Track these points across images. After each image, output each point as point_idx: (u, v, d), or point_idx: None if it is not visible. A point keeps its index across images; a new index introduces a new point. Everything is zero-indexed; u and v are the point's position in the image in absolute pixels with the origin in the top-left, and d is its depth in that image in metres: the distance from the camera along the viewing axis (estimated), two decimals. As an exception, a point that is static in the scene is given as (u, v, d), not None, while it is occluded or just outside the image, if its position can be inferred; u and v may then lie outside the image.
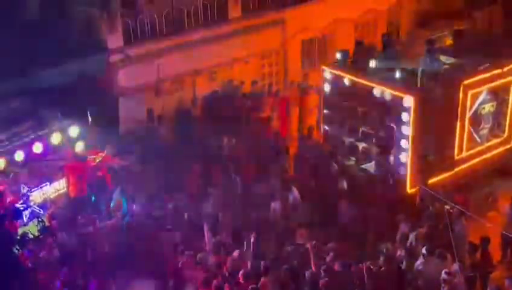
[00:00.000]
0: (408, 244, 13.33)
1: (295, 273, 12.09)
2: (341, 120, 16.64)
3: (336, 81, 16.48)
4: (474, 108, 16.05)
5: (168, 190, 15.35)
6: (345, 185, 15.48)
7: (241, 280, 11.84)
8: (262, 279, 11.80)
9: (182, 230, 13.86)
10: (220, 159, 16.57)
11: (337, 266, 12.21)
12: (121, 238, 13.81)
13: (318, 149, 16.98)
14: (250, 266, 12.34)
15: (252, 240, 12.75)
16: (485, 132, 16.52)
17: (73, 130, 15.00)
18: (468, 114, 15.94)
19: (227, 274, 12.18)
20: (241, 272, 11.91)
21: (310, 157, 16.66)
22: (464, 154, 16.17)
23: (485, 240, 12.94)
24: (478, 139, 16.40)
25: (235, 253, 12.77)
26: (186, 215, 14.37)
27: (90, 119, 15.57)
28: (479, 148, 16.48)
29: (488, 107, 16.38)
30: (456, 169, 16.10)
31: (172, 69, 17.79)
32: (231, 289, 11.67)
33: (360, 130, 16.24)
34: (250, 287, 11.34)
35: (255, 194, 15.51)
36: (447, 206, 13.48)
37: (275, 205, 14.74)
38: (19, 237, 13.03)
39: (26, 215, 14.02)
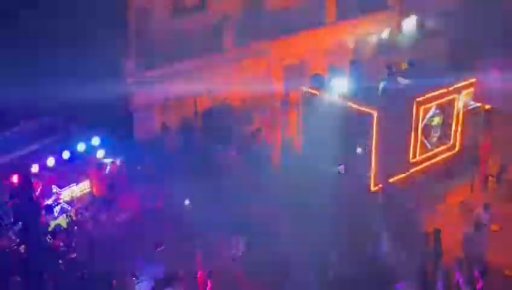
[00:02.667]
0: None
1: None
2: (318, 132, 16.54)
3: (312, 100, 16.42)
4: (425, 120, 16.03)
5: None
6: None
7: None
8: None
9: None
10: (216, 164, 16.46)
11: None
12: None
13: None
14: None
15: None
16: (434, 140, 16.45)
17: (95, 140, 14.88)
18: (421, 125, 15.91)
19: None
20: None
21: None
22: (417, 158, 16.14)
23: (437, 231, 12.87)
24: (429, 146, 16.34)
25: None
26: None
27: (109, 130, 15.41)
28: (430, 153, 16.43)
29: (437, 120, 16.33)
30: (411, 170, 16.06)
31: (178, 89, 17.65)
32: None
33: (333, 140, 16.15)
34: None
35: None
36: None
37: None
38: (50, 229, 12.90)
39: (56, 211, 13.86)
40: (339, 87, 16.19)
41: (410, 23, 22.67)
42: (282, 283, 11.58)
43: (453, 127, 16.74)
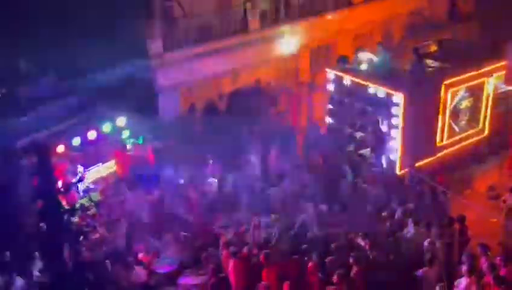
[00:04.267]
0: (396, 217, 13.13)
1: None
2: (342, 114, 16.41)
3: (338, 81, 16.25)
4: (453, 103, 15.75)
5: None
6: (347, 168, 15.29)
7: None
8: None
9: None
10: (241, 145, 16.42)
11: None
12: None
13: (324, 138, 16.83)
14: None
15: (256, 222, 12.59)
16: (462, 123, 16.21)
17: (121, 121, 14.95)
18: (449, 108, 15.67)
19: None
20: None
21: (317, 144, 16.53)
22: (445, 142, 15.91)
23: (462, 217, 12.68)
24: (457, 130, 16.11)
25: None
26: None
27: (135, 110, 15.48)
28: (458, 137, 16.19)
29: (466, 103, 16.07)
30: (438, 154, 15.83)
31: (203, 70, 17.61)
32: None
33: (358, 122, 16.00)
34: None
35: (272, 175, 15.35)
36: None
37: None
38: (76, 207, 13.06)
39: (81, 191, 14.00)
40: (366, 69, 16.03)
41: (440, 4, 22.22)
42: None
43: (482, 111, 16.46)
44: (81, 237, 12.12)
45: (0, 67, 15.68)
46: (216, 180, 14.84)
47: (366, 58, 16.41)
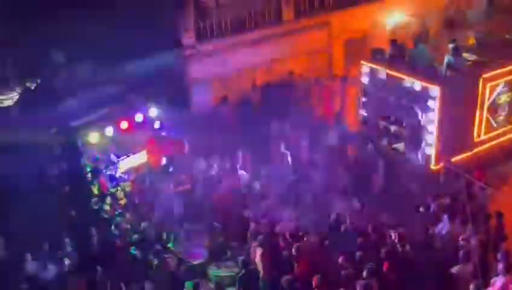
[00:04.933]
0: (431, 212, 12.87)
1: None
2: (376, 107, 16.15)
3: (373, 74, 16.00)
4: (492, 98, 15.35)
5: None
6: (380, 161, 15.06)
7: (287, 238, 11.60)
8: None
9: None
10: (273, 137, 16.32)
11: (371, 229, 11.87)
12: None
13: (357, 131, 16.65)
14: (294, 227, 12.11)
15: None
16: (501, 118, 15.76)
17: (153, 111, 14.99)
18: (487, 103, 15.28)
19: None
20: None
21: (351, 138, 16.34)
22: (482, 137, 15.53)
23: (499, 214, 12.36)
24: (495, 125, 15.69)
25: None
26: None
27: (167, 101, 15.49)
28: (495, 132, 15.77)
29: (505, 98, 15.61)
30: (475, 150, 15.47)
31: (236, 62, 17.54)
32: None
33: (392, 116, 15.72)
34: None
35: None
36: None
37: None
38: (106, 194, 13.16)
39: (113, 179, 14.08)
40: (400, 63, 15.74)
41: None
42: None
43: (522, 106, 16.02)
44: (111, 225, 12.17)
45: (36, 57, 15.94)
46: (245, 172, 14.76)
47: (401, 50, 16.12)
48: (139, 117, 14.66)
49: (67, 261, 11.34)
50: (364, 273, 10.40)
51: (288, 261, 11.12)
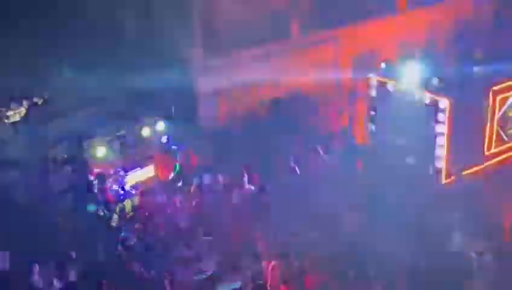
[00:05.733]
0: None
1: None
2: (385, 121, 16.02)
3: (382, 88, 15.89)
4: (502, 111, 15.22)
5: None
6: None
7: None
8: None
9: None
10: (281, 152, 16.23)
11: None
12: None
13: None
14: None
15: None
16: (511, 132, 15.63)
17: (160, 125, 14.95)
18: (497, 116, 15.15)
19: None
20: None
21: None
22: (493, 150, 15.37)
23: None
24: (505, 138, 15.54)
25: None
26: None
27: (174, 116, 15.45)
28: (506, 145, 15.61)
29: (515, 111, 15.53)
30: (486, 163, 15.29)
31: (244, 77, 17.49)
32: None
33: (401, 129, 15.59)
34: None
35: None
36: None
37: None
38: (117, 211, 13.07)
39: (122, 194, 14.00)
40: (411, 76, 15.65)
41: (485, 11, 21.65)
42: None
43: (533, 119, 15.86)
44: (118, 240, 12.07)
45: (44, 71, 15.98)
46: (253, 187, 14.64)
47: (411, 64, 16.05)
48: (146, 131, 14.59)
49: (72, 275, 11.21)
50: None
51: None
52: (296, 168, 15.19)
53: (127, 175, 14.26)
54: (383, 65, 16.41)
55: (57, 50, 15.39)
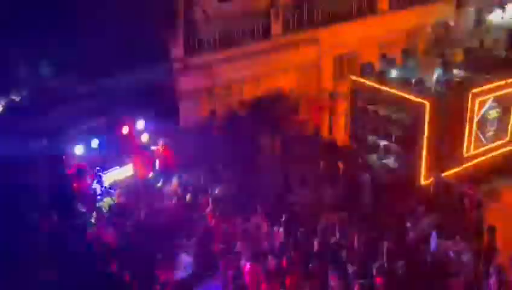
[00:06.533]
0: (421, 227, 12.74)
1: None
2: (365, 122, 16.07)
3: (361, 89, 15.94)
4: (481, 113, 15.36)
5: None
6: (367, 176, 14.92)
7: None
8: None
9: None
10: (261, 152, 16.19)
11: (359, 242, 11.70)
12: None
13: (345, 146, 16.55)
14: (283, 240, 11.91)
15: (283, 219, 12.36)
16: (490, 134, 15.78)
17: (140, 124, 14.81)
18: (476, 118, 15.30)
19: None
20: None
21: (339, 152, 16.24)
22: (471, 152, 15.50)
23: (492, 228, 12.26)
24: (484, 140, 15.69)
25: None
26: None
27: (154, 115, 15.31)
28: (485, 148, 15.76)
29: (494, 113, 15.66)
30: (464, 165, 15.41)
31: (224, 76, 17.46)
32: None
33: (381, 130, 15.64)
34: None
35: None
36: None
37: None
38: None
39: (99, 192, 13.83)
40: (390, 77, 15.73)
41: (467, 15, 21.87)
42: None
43: (511, 122, 16.02)
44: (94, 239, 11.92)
45: (20, 69, 15.74)
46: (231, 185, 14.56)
47: (390, 65, 16.14)
48: (125, 129, 14.44)
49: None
50: (356, 288, 10.22)
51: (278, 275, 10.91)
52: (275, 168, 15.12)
53: (105, 173, 14.05)
54: (363, 66, 16.45)
55: (34, 46, 15.14)
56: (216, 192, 13.97)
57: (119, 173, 14.38)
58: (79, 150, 13.66)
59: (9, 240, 11.18)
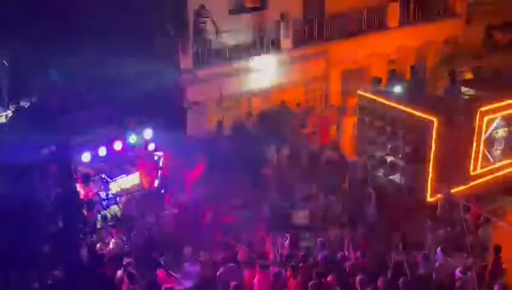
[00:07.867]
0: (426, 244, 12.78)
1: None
2: (373, 137, 16.14)
3: (369, 104, 16.01)
4: (489, 132, 15.39)
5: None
6: (372, 192, 14.98)
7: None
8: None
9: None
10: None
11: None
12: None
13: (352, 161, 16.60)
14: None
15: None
16: (498, 153, 15.77)
17: (147, 133, 14.90)
18: (484, 136, 15.31)
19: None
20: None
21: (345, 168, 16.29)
22: (478, 171, 15.50)
23: (497, 247, 12.27)
24: (491, 159, 15.68)
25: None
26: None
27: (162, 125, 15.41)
28: (492, 167, 15.75)
29: (501, 132, 15.66)
30: (471, 183, 15.42)
31: (232, 88, 17.58)
32: None
33: (388, 146, 15.69)
34: None
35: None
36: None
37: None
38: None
39: (105, 201, 13.91)
40: (399, 93, 15.81)
41: (476, 33, 21.97)
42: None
43: (519, 141, 16.04)
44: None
45: (31, 75, 15.91)
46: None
47: (399, 81, 16.23)
48: (132, 138, 14.54)
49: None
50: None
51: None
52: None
53: (112, 181, 14.15)
54: (372, 81, 16.55)
55: (44, 53, 15.32)
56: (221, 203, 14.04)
57: (126, 181, 14.45)
58: (86, 157, 13.74)
59: (15, 244, 11.27)
